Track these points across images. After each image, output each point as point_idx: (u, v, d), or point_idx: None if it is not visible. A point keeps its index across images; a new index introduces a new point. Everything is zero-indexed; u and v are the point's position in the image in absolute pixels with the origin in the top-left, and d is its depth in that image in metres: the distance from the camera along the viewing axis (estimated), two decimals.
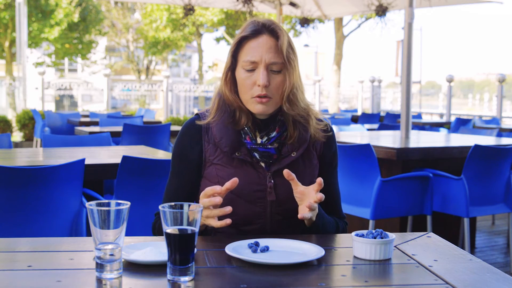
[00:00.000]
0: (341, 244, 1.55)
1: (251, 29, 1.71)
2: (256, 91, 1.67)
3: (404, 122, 5.00)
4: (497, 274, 1.29)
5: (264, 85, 1.66)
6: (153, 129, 5.69)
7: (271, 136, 1.72)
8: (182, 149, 1.76)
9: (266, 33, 1.70)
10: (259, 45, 1.68)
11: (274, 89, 1.68)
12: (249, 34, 1.70)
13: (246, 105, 1.71)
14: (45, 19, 18.61)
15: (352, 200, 3.80)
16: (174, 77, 35.98)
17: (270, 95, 1.68)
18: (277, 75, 1.69)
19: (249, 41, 1.70)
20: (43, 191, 2.58)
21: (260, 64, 1.67)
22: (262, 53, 1.67)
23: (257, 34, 1.70)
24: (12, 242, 1.51)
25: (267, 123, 1.74)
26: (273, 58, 1.67)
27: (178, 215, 1.23)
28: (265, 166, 1.71)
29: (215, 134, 1.71)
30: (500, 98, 10.13)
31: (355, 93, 17.48)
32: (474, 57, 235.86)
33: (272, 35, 1.70)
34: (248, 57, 1.68)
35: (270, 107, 1.70)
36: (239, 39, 1.71)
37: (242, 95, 1.71)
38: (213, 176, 1.72)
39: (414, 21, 5.00)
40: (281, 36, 1.69)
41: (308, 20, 10.51)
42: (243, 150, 1.70)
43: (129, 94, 15.11)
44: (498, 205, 3.95)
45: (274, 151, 1.71)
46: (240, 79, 1.70)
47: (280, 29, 1.71)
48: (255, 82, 1.67)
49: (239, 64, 1.71)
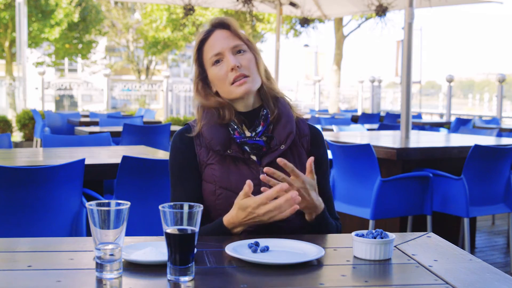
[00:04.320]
0: (341, 244, 1.55)
1: (202, 32, 1.80)
2: (232, 76, 1.72)
3: (404, 122, 5.00)
4: (497, 274, 1.29)
5: (235, 66, 1.71)
6: (153, 129, 5.69)
7: (258, 131, 1.75)
8: (178, 158, 1.78)
9: (217, 28, 1.78)
10: (216, 39, 1.76)
11: (247, 67, 1.74)
12: (203, 37, 1.78)
13: (229, 96, 1.75)
14: (45, 19, 18.60)
15: (352, 200, 3.80)
16: (174, 77, 35.96)
17: (246, 73, 1.73)
18: (243, 54, 1.75)
19: (206, 42, 1.78)
20: (43, 191, 2.58)
21: (225, 52, 1.74)
22: (221, 43, 1.75)
23: (210, 32, 1.78)
24: (12, 242, 1.51)
25: (250, 118, 1.77)
26: (232, 42, 1.75)
27: (178, 215, 1.23)
28: (257, 159, 1.74)
29: (205, 136, 1.75)
30: (500, 98, 10.14)
31: (355, 93, 17.49)
32: (474, 57, 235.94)
33: (223, 27, 1.78)
34: (211, 53, 1.75)
35: (251, 84, 1.73)
36: (197, 46, 1.79)
37: (221, 89, 1.76)
38: (210, 176, 1.74)
39: (414, 21, 5.00)
40: (231, 24, 1.78)
41: (308, 20, 10.52)
42: (234, 147, 1.73)
43: (129, 94, 15.12)
44: (498, 205, 3.95)
45: (262, 143, 1.74)
46: (214, 75, 1.76)
47: (228, 19, 1.79)
48: (227, 70, 1.73)
49: (207, 67, 1.78)
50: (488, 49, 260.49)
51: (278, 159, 1.59)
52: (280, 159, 1.59)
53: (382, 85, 16.34)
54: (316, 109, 14.22)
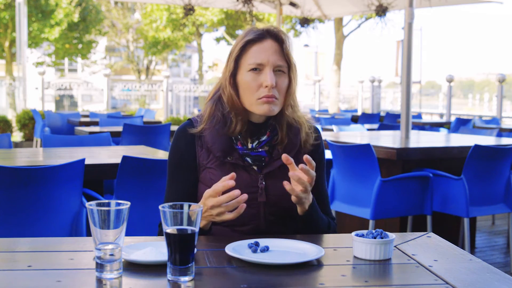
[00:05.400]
0: (341, 244, 1.55)
1: (255, 33, 1.73)
2: (263, 92, 1.69)
3: (404, 122, 5.00)
4: (497, 274, 1.29)
5: (272, 86, 1.67)
6: (153, 129, 5.69)
7: (261, 140, 1.74)
8: (177, 155, 1.77)
9: (271, 37, 1.72)
10: (264, 49, 1.70)
11: (279, 89, 1.71)
12: (253, 37, 1.72)
13: (250, 107, 1.72)
14: (45, 19, 18.60)
15: (352, 200, 3.80)
16: (174, 77, 35.97)
17: (276, 96, 1.70)
18: (282, 77, 1.71)
19: (253, 45, 1.72)
20: (43, 191, 2.58)
21: (267, 66, 1.69)
22: (268, 56, 1.70)
23: (262, 38, 1.72)
24: (12, 242, 1.51)
25: (259, 128, 1.75)
26: (278, 60, 1.70)
27: (178, 215, 1.23)
28: (257, 168, 1.73)
29: (207, 140, 1.73)
30: (500, 98, 10.13)
31: (355, 93, 17.48)
32: (474, 57, 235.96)
33: (276, 40, 1.73)
34: (254, 60, 1.70)
35: (276, 107, 1.72)
36: (244, 44, 1.72)
37: (246, 98, 1.72)
38: (207, 180, 1.73)
39: (414, 21, 5.00)
40: (285, 40, 1.73)
41: (308, 20, 10.52)
42: (235, 154, 1.72)
43: (129, 94, 15.12)
44: (498, 205, 3.95)
45: (265, 153, 1.73)
46: (245, 82, 1.71)
47: (284, 34, 1.74)
48: (261, 83, 1.69)
49: (242, 68, 1.72)
50: (488, 49, 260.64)
51: (283, 156, 1.58)
52: (284, 155, 1.59)
53: (382, 85, 16.34)
54: (316, 109, 14.22)
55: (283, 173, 1.66)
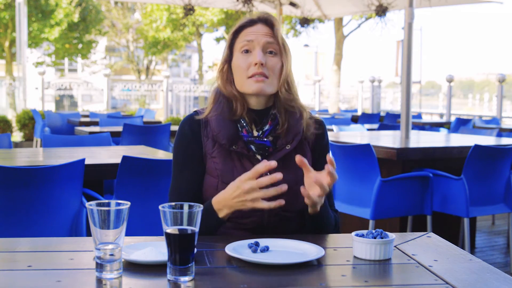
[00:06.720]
0: (341, 244, 1.55)
1: (246, 19, 1.79)
2: (252, 70, 1.72)
3: (404, 122, 5.00)
4: (497, 274, 1.29)
5: (260, 62, 1.71)
6: (153, 129, 5.69)
7: (264, 130, 1.75)
8: (184, 144, 1.77)
9: (261, 22, 1.78)
10: (255, 31, 1.76)
11: (270, 69, 1.73)
12: (245, 23, 1.78)
13: (242, 88, 1.74)
14: (45, 19, 18.61)
15: (352, 200, 3.80)
16: (174, 77, 35.97)
17: (266, 74, 1.72)
18: (272, 57, 1.74)
19: (245, 29, 1.78)
20: (43, 191, 2.58)
21: (256, 45, 1.73)
22: (257, 36, 1.74)
23: (253, 23, 1.78)
24: (12, 242, 1.51)
25: (261, 116, 1.77)
26: (268, 40, 1.75)
27: (178, 215, 1.23)
28: (261, 159, 1.73)
29: (213, 127, 1.74)
30: (500, 98, 10.14)
31: (355, 93, 17.49)
32: (474, 57, 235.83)
33: (267, 24, 1.78)
34: (244, 38, 1.75)
35: (267, 86, 1.73)
36: (235, 29, 1.79)
37: (237, 78, 1.76)
38: (212, 169, 1.73)
39: (414, 21, 5.00)
40: (276, 25, 1.77)
41: (308, 20, 10.52)
42: (240, 143, 1.73)
43: (129, 94, 15.12)
44: (498, 205, 3.95)
45: (269, 143, 1.74)
46: (237, 64, 1.75)
47: (275, 19, 1.79)
48: (251, 63, 1.73)
49: (235, 54, 1.77)
50: (488, 49, 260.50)
51: (297, 157, 1.58)
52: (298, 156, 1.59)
53: (382, 85, 16.34)
54: (316, 109, 14.22)
55: (286, 164, 1.68)
